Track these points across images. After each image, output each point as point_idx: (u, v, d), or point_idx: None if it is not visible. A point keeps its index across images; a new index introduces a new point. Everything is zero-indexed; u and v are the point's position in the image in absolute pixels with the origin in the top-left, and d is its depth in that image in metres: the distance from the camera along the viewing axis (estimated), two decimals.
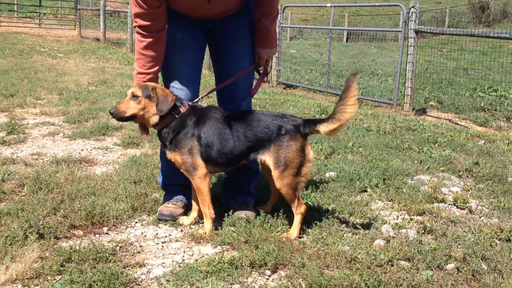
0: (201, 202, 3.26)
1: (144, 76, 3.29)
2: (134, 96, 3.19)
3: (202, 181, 3.21)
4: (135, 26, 3.28)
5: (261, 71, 3.69)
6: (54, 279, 2.61)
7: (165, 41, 3.32)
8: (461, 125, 7.84)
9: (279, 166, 3.15)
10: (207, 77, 10.80)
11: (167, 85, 3.50)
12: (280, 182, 3.16)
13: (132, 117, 3.23)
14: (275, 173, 3.16)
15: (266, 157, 3.20)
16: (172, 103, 3.19)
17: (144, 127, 3.36)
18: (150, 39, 3.23)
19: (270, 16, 3.47)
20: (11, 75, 10.17)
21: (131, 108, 3.19)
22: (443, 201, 3.91)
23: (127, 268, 2.78)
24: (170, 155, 3.27)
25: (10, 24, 25.22)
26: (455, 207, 3.84)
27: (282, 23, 11.78)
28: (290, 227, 3.31)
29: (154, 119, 3.22)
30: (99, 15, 21.19)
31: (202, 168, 3.19)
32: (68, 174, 4.20)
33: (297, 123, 3.24)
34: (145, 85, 3.23)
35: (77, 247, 2.91)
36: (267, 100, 8.77)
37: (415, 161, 4.95)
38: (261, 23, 3.46)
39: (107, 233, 3.28)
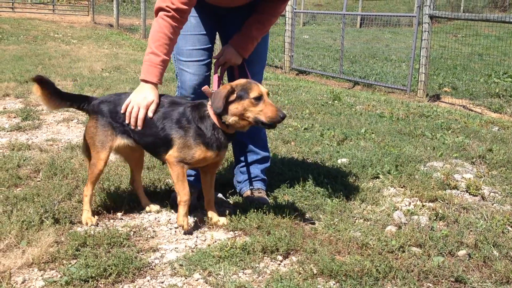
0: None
1: (166, 65, 3.08)
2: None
3: None
4: (168, 8, 3.00)
5: (218, 73, 3.43)
6: (70, 263, 2.66)
7: None
8: (475, 112, 7.78)
9: None
10: None
11: (180, 69, 3.50)
12: None
13: None
14: None
15: None
16: None
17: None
18: (180, 24, 3.07)
19: (263, 28, 3.37)
20: (26, 61, 10.24)
21: None
22: (455, 187, 3.90)
23: (141, 253, 2.83)
24: (224, 154, 3.15)
25: (24, 10, 25.37)
26: (468, 193, 3.83)
27: (295, 8, 11.71)
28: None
29: None
30: (112, 1, 21.20)
31: None
32: (83, 160, 4.24)
33: None
34: None
35: (92, 232, 2.96)
36: (280, 86, 8.76)
37: (428, 148, 4.94)
38: (250, 29, 3.34)
39: (121, 219, 3.32)
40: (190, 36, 3.41)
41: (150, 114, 3.02)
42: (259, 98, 2.87)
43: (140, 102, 3.02)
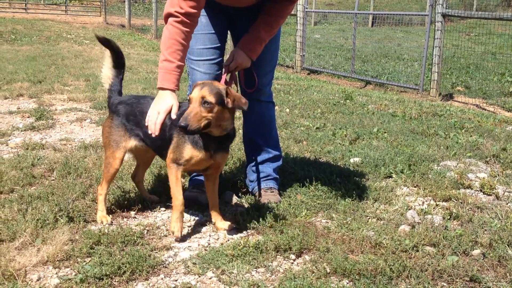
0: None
1: (182, 71, 3.02)
2: (206, 103, 2.77)
3: None
4: (177, 13, 2.96)
5: (227, 79, 3.35)
6: (84, 261, 2.68)
7: None
8: (489, 111, 7.72)
9: None
10: None
11: (191, 68, 3.52)
12: None
13: (205, 128, 2.81)
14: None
15: None
16: (246, 105, 2.91)
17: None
18: (190, 28, 3.03)
19: (271, 30, 3.36)
20: (39, 61, 10.33)
21: (204, 118, 2.77)
22: (469, 187, 3.88)
23: (155, 251, 2.84)
24: (221, 158, 3.06)
25: (37, 11, 25.58)
26: (482, 193, 3.80)
27: (306, 8, 11.69)
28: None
29: (229, 125, 2.92)
30: (124, 2, 21.31)
31: None
32: (96, 159, 4.27)
33: None
34: (215, 87, 2.82)
35: (106, 230, 2.98)
36: (291, 85, 8.75)
37: (441, 147, 4.91)
38: (258, 30, 3.33)
39: (135, 217, 3.34)
40: (200, 35, 3.42)
41: (173, 116, 2.94)
42: (189, 101, 2.81)
43: (160, 108, 2.94)
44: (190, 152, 2.96)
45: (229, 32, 3.66)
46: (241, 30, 3.46)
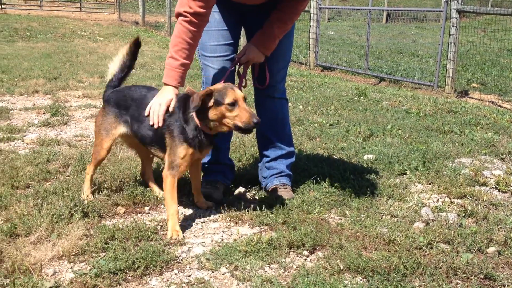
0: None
1: (186, 68, 3.16)
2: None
3: None
4: (186, 13, 3.03)
5: (241, 72, 3.47)
6: (99, 256, 2.70)
7: None
8: (505, 107, 7.64)
9: None
10: None
11: (204, 65, 3.53)
12: None
13: None
14: None
15: None
16: None
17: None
18: (199, 28, 3.09)
19: (284, 27, 3.37)
20: (54, 58, 10.41)
21: None
22: (484, 184, 3.85)
23: (168, 247, 2.85)
24: (206, 152, 3.24)
25: (52, 8, 25.78)
26: (497, 190, 3.77)
27: (320, 4, 11.64)
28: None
29: None
30: None
31: None
32: (110, 155, 4.30)
33: None
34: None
35: (120, 226, 3.00)
36: (305, 82, 8.73)
37: (456, 144, 4.87)
38: (271, 27, 3.34)
39: (149, 213, 3.36)
40: (214, 32, 3.43)
41: (171, 108, 3.08)
42: (233, 104, 2.91)
43: (162, 100, 3.08)
44: (185, 150, 3.06)
45: (242, 28, 3.67)
46: (254, 27, 3.46)
